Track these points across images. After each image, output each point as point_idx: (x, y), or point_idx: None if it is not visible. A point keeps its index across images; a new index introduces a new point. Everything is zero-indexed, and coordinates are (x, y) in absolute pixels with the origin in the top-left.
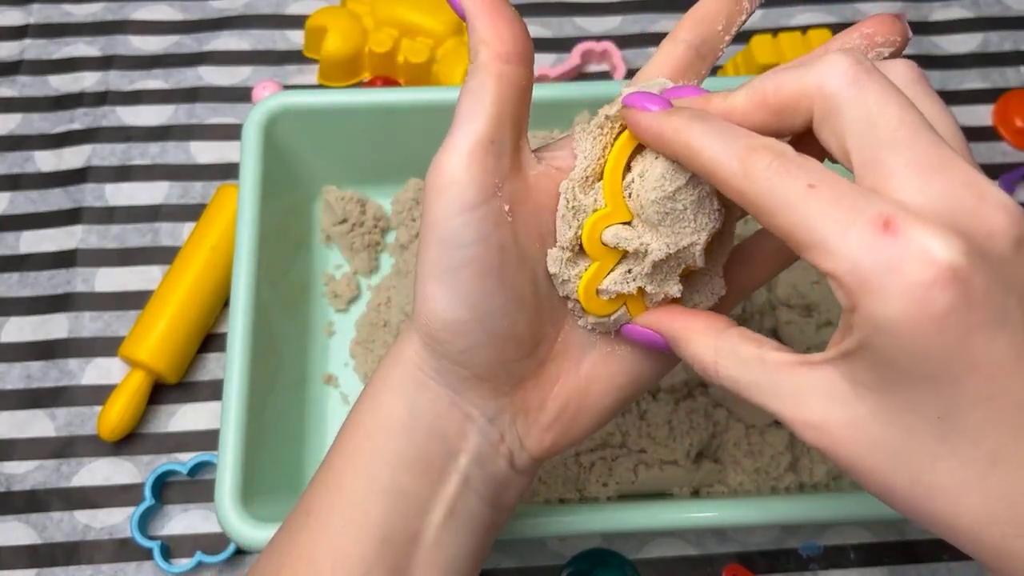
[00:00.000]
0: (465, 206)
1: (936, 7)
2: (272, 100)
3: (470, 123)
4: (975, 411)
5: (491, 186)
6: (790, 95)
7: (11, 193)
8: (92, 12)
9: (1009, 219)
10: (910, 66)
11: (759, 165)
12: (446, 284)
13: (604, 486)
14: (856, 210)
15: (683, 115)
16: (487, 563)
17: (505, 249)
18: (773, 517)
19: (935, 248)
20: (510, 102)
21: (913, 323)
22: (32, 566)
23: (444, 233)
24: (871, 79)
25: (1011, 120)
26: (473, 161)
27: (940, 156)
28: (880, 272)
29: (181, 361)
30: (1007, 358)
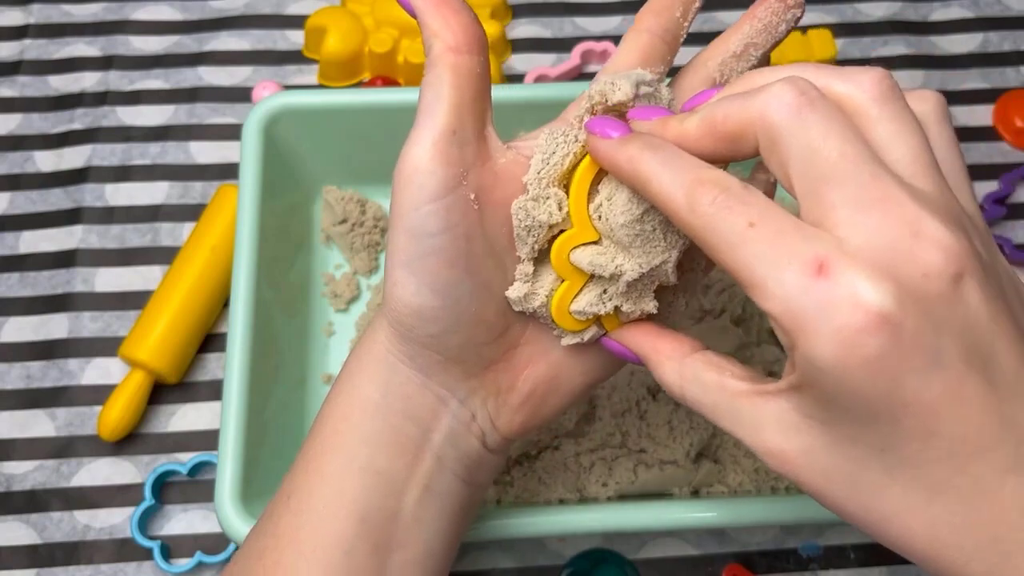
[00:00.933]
0: (430, 196)
1: (936, 7)
2: (272, 100)
3: (431, 116)
4: (914, 446)
5: (455, 176)
6: (737, 124)
7: (11, 193)
8: (92, 12)
9: (944, 257)
10: (937, 101)
11: (704, 200)
12: (414, 272)
13: (604, 486)
14: (792, 251)
15: (637, 143)
16: (487, 563)
17: (472, 238)
18: (773, 517)
19: (866, 293)
20: (468, 91)
21: (845, 366)
22: (32, 566)
23: (411, 223)
24: (813, 110)
25: (1011, 120)
26: (437, 152)
27: (881, 190)
28: (813, 314)
29: (181, 361)
30: (942, 398)
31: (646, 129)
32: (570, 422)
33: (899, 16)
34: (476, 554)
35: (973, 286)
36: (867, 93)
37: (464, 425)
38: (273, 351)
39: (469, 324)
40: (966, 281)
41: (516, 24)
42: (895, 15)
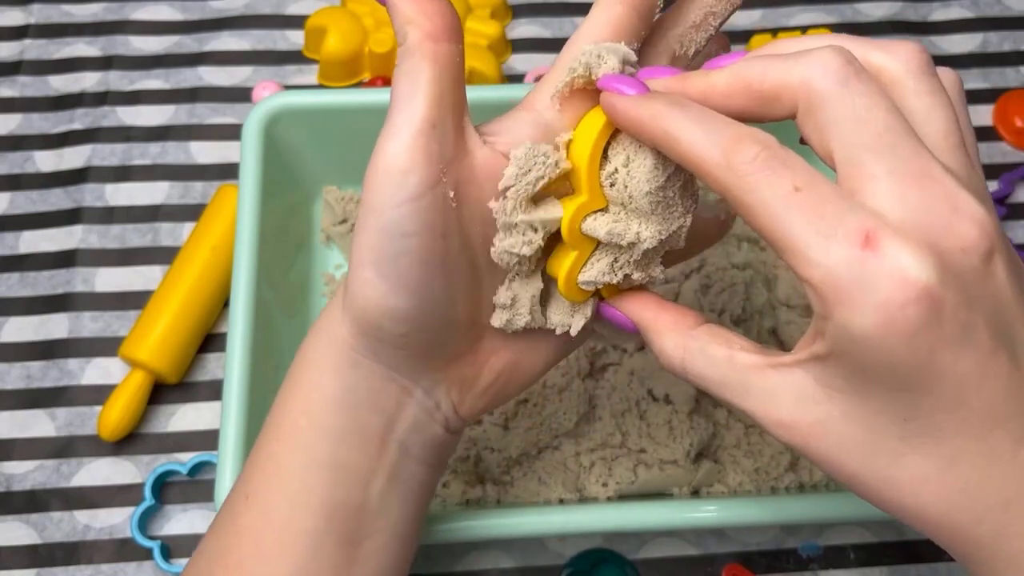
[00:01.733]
0: (410, 195)
1: (936, 7)
2: (272, 100)
3: (410, 107)
4: (939, 417)
5: (436, 173)
6: (775, 85)
7: (11, 193)
8: (92, 12)
9: (980, 232)
10: (957, 79)
11: (744, 157)
12: (385, 271)
13: (604, 486)
14: (838, 221)
15: (662, 100)
16: (487, 563)
17: (448, 236)
18: (773, 517)
19: (911, 267)
20: (448, 82)
21: (884, 337)
22: (32, 566)
23: (386, 221)
24: (860, 81)
25: (1011, 120)
26: (416, 147)
27: (921, 165)
28: (857, 286)
29: (181, 361)
30: (972, 373)
31: (662, 87)
32: (570, 422)
33: (899, 16)
34: (476, 554)
35: (1001, 264)
36: (904, 65)
37: (428, 413)
38: (273, 351)
39: (439, 323)
40: (996, 258)
41: (516, 24)
42: (895, 15)
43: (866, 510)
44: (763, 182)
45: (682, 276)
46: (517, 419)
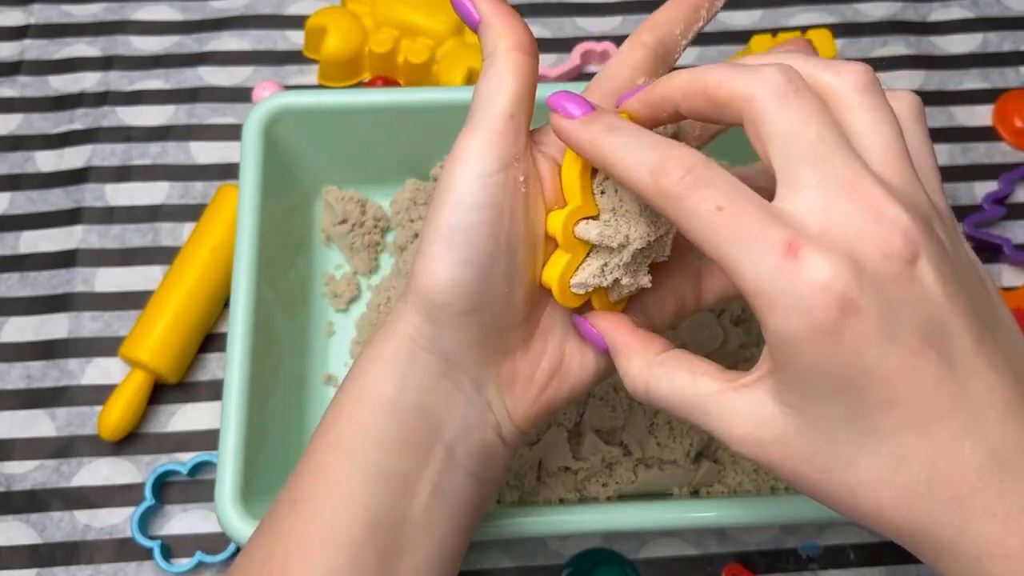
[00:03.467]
0: (484, 171)
1: (936, 7)
2: (272, 100)
3: (492, 105)
4: (878, 415)
5: (509, 156)
6: (727, 94)
7: (11, 193)
8: (92, 12)
9: (903, 240)
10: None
11: (670, 180)
12: (454, 244)
13: (604, 486)
14: (761, 234)
15: (599, 124)
16: (487, 563)
17: (516, 218)
18: (773, 517)
19: (829, 273)
20: (525, 87)
21: (812, 340)
22: (32, 566)
23: (459, 196)
24: (798, 97)
25: (1011, 120)
26: (495, 132)
27: (850, 176)
28: (782, 293)
29: (181, 361)
30: (900, 370)
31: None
32: (570, 422)
33: (899, 16)
34: (476, 554)
35: (928, 268)
36: (848, 84)
37: (478, 414)
38: (273, 351)
39: (499, 304)
40: (922, 263)
41: None
42: (895, 15)
43: None
44: (688, 203)
45: None
46: None
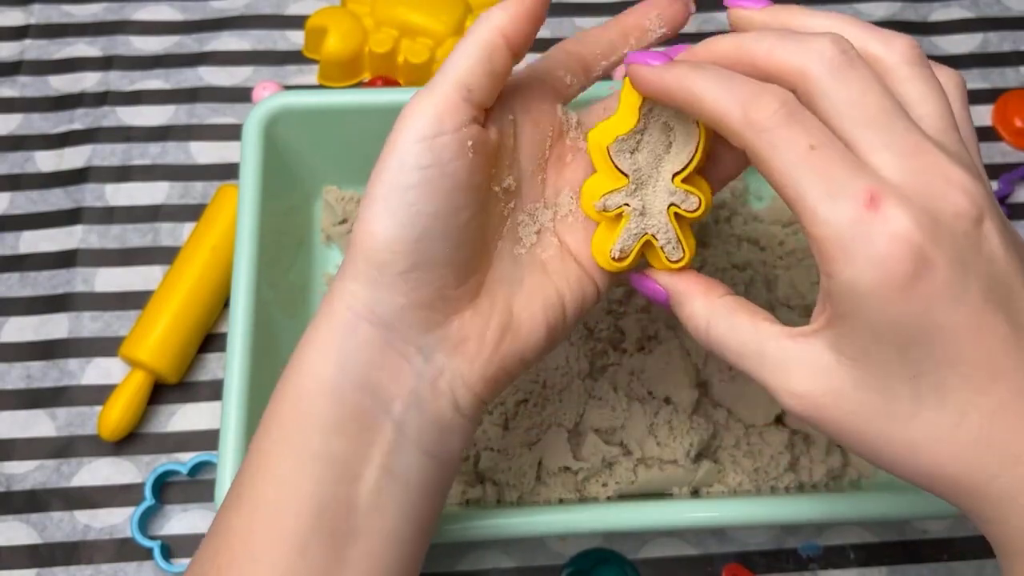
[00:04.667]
0: (427, 133)
1: (936, 7)
2: (272, 100)
3: (452, 71)
4: (943, 372)
5: (456, 122)
6: (777, 66)
7: (11, 193)
8: (93, 12)
9: (970, 201)
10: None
11: (763, 113)
12: (395, 203)
13: (604, 486)
14: (847, 181)
15: (685, 64)
16: (487, 563)
17: (458, 178)
18: (772, 517)
19: (908, 226)
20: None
21: (884, 291)
22: (32, 566)
23: (403, 156)
24: (853, 68)
25: (1011, 120)
26: (444, 97)
27: (915, 141)
28: (858, 243)
29: (181, 361)
30: (967, 327)
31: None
32: (570, 422)
33: (899, 16)
34: (476, 554)
35: (992, 230)
36: (898, 55)
37: (430, 384)
38: (273, 351)
39: (439, 264)
40: (987, 224)
41: None
42: (895, 15)
43: (866, 510)
44: (780, 138)
45: None
46: (517, 419)
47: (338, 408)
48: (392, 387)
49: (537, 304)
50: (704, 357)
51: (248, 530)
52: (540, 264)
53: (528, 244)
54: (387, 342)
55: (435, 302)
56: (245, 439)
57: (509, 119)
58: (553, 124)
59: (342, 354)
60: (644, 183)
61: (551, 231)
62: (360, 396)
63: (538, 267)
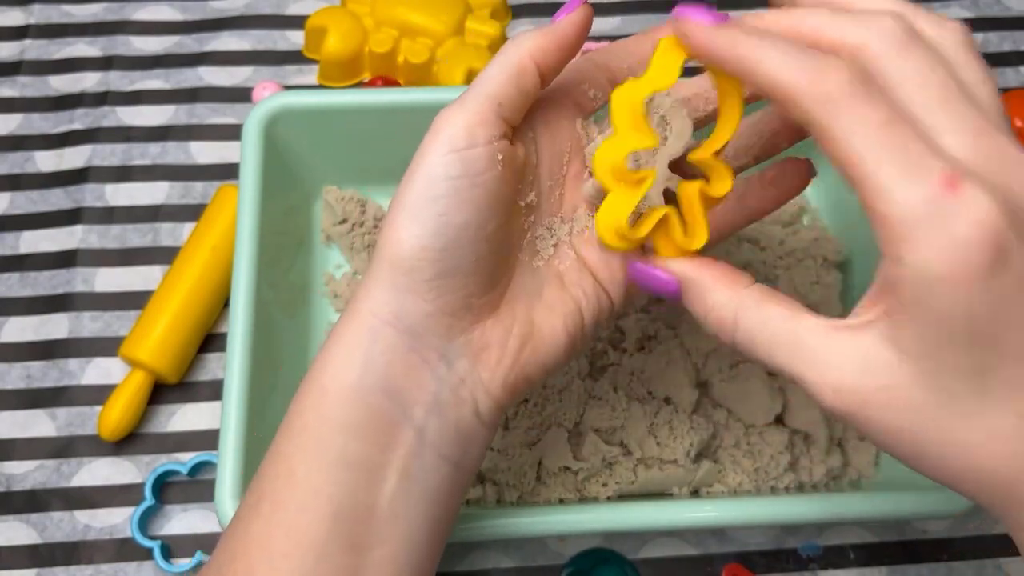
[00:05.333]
0: (458, 144)
1: (936, 7)
2: (272, 100)
3: (486, 86)
4: (1011, 368)
5: (487, 135)
6: (830, 41)
7: (11, 193)
8: (93, 12)
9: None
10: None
11: (832, 84)
12: (423, 211)
13: (604, 486)
14: (923, 160)
15: (740, 28)
16: (487, 563)
17: (488, 190)
18: (772, 517)
19: (990, 213)
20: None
21: (959, 279)
22: (32, 566)
23: (434, 167)
24: (917, 46)
25: (1011, 120)
26: (475, 113)
27: (981, 122)
28: (933, 226)
29: (181, 361)
30: None
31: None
32: (570, 422)
33: None
34: (476, 554)
35: None
36: (951, 38)
37: (452, 391)
38: (273, 351)
39: (466, 273)
40: None
41: (516, 24)
42: None
43: (866, 510)
44: (851, 111)
45: None
46: (517, 419)
47: (360, 412)
48: (414, 392)
49: (557, 314)
50: (704, 357)
51: (267, 534)
52: (557, 276)
53: (546, 257)
54: (411, 348)
55: (459, 310)
56: (245, 439)
57: (530, 136)
58: (571, 140)
59: (366, 358)
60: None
61: (568, 244)
62: (382, 400)
63: (555, 279)
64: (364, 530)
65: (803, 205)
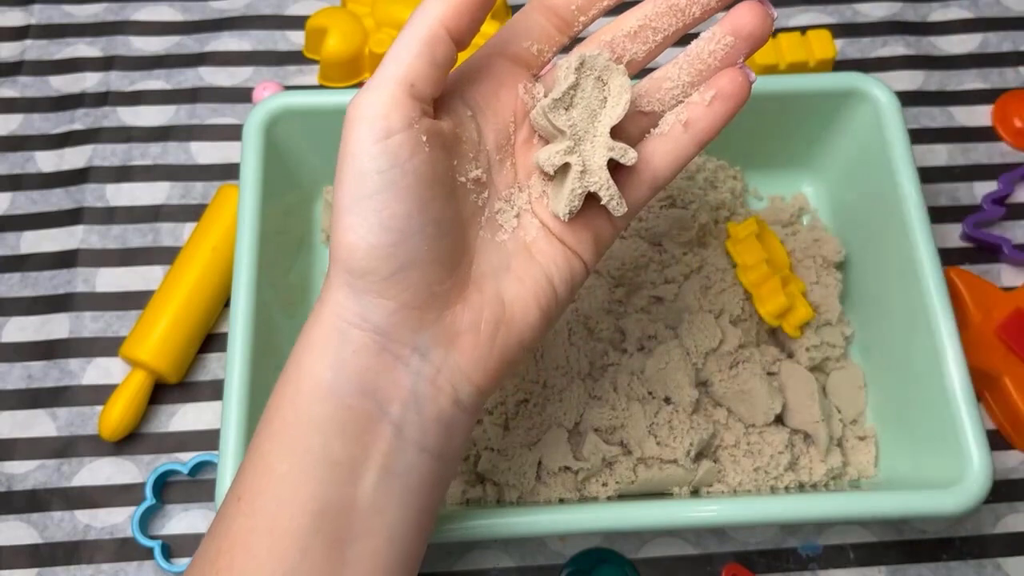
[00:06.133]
0: (380, 134)
1: (936, 7)
2: (272, 100)
3: (394, 67)
4: None
5: (406, 118)
6: None
7: (12, 193)
8: (93, 13)
9: None
10: None
11: None
12: (364, 211)
13: (604, 486)
14: None
15: None
16: (487, 563)
17: (421, 175)
18: (772, 516)
19: None
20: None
21: None
22: (33, 566)
23: (360, 162)
24: None
25: (1010, 120)
26: (391, 96)
27: None
28: None
29: (182, 361)
30: None
31: None
32: (570, 422)
33: (898, 16)
34: (476, 554)
35: None
36: None
37: (429, 382)
38: (273, 351)
39: (423, 262)
40: None
41: None
42: (895, 15)
43: (866, 510)
44: None
45: (682, 276)
46: (517, 419)
47: (337, 411)
48: (390, 389)
49: (527, 288)
50: (704, 357)
51: (249, 531)
52: (524, 248)
53: (510, 229)
54: (381, 347)
55: (424, 301)
56: (245, 439)
57: (467, 114)
58: (515, 106)
59: (337, 360)
60: (582, 139)
61: (530, 212)
62: (358, 399)
63: (523, 251)
64: (346, 525)
65: (803, 205)
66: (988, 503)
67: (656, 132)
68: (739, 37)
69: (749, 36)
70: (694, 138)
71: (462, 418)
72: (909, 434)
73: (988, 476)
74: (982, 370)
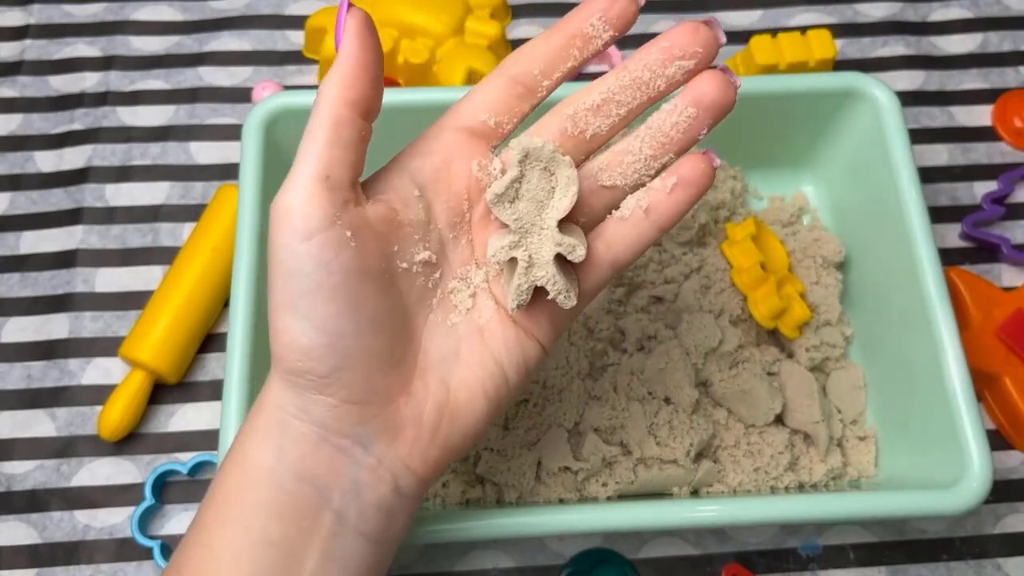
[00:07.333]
0: (304, 234)
1: (936, 7)
2: (272, 100)
3: (306, 162)
4: None
5: (328, 216)
6: None
7: (12, 193)
8: (93, 13)
9: None
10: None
11: None
12: (296, 313)
13: (604, 486)
14: None
15: None
16: (487, 563)
17: (350, 272)
18: (772, 516)
19: None
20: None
21: None
22: (32, 566)
23: (286, 264)
24: None
25: (1010, 120)
26: (308, 195)
27: None
28: None
29: (181, 361)
30: None
31: None
32: (570, 422)
33: (899, 16)
34: (476, 554)
35: None
36: None
37: (370, 471)
38: None
39: (361, 359)
40: None
41: (516, 24)
42: (895, 15)
43: (866, 510)
44: None
45: (682, 277)
46: (517, 419)
47: (278, 495)
48: (330, 478)
49: (475, 376)
50: (704, 357)
51: None
52: (477, 331)
53: (464, 310)
54: (322, 438)
55: (364, 397)
56: None
57: (415, 193)
58: (469, 183)
59: (279, 448)
60: (529, 231)
61: (487, 292)
62: (299, 487)
63: (475, 335)
64: None
65: (803, 205)
66: (988, 503)
67: (617, 215)
68: (701, 108)
69: (711, 106)
70: (655, 224)
71: (403, 504)
72: (909, 434)
73: (988, 476)
74: (982, 370)
